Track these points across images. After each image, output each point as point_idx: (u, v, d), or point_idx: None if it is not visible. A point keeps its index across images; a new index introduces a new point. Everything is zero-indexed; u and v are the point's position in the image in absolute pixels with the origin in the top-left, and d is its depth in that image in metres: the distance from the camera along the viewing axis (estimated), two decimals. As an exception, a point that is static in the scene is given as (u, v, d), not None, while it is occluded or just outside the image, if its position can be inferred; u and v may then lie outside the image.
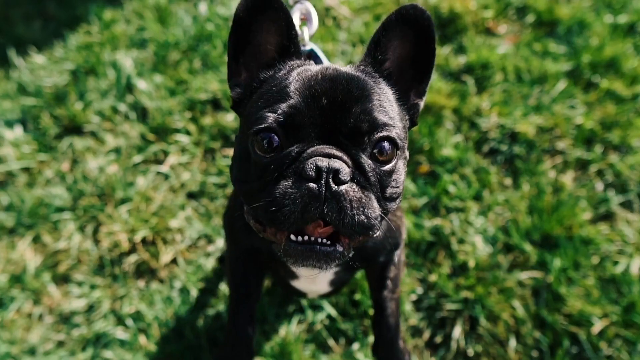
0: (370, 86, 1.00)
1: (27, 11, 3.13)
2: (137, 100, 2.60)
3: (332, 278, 1.36)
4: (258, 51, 1.09)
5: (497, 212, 2.26)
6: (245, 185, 1.01)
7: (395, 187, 1.00)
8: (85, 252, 2.20)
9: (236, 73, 1.12)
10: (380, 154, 0.95)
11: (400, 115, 1.06)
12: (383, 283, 1.35)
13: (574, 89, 2.63)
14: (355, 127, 0.93)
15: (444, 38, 2.87)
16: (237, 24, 1.06)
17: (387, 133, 0.95)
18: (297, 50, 1.09)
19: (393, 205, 1.01)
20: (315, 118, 0.92)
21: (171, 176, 2.38)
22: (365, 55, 1.09)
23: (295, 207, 0.87)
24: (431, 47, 1.08)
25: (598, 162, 2.39)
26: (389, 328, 1.35)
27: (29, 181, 2.41)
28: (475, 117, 2.53)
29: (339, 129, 0.93)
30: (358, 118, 0.93)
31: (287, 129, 0.93)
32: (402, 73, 1.10)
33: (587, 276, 2.07)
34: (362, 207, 0.90)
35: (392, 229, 1.26)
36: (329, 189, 0.87)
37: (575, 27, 2.87)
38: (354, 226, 0.90)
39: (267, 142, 0.93)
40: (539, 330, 1.98)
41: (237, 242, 1.36)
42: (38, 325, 2.04)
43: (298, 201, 0.87)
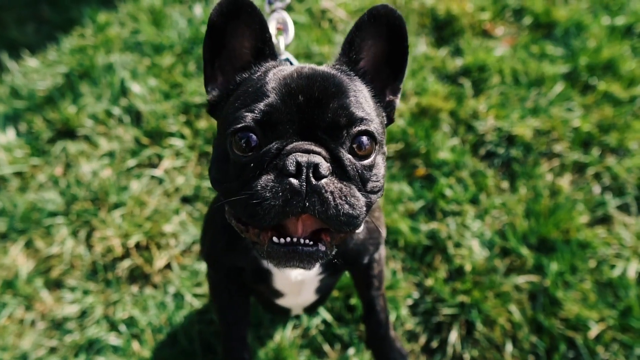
0: (347, 83, 1.01)
1: (21, 14, 3.11)
2: (131, 104, 2.58)
3: (317, 285, 1.35)
4: (233, 55, 1.11)
5: (493, 216, 2.25)
6: (225, 186, 1.00)
7: (376, 182, 1.01)
8: (78, 257, 2.18)
9: (212, 77, 1.13)
10: (359, 149, 0.96)
11: (377, 112, 1.07)
12: (369, 282, 1.38)
13: (571, 92, 2.61)
14: (333, 122, 0.94)
15: (440, 40, 2.86)
16: (211, 28, 1.06)
17: (365, 127, 0.96)
18: (272, 52, 1.10)
19: (375, 197, 1.02)
20: (293, 115, 0.93)
21: (165, 180, 2.36)
22: (340, 55, 1.10)
23: (277, 202, 0.88)
24: (404, 46, 1.09)
25: (595, 165, 2.38)
26: (380, 323, 1.42)
27: (21, 186, 2.39)
28: (472, 120, 2.52)
29: (316, 125, 0.93)
30: (336, 113, 0.94)
31: (264, 127, 0.93)
32: (377, 71, 1.12)
33: (584, 280, 2.06)
34: (345, 197, 0.91)
35: (373, 230, 1.28)
36: (310, 183, 0.88)
37: (573, 29, 2.86)
38: (339, 216, 0.90)
39: (245, 142, 0.93)
40: (536, 335, 1.96)
41: (219, 266, 1.36)
42: (30, 332, 2.02)
43: (279, 195, 0.88)
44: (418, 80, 2.66)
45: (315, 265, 0.95)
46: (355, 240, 1.24)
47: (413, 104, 2.58)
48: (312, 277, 1.28)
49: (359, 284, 1.45)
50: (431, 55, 2.79)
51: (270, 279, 1.27)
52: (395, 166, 2.41)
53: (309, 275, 1.26)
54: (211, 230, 1.36)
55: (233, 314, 1.42)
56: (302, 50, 2.77)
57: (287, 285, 1.29)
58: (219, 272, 1.39)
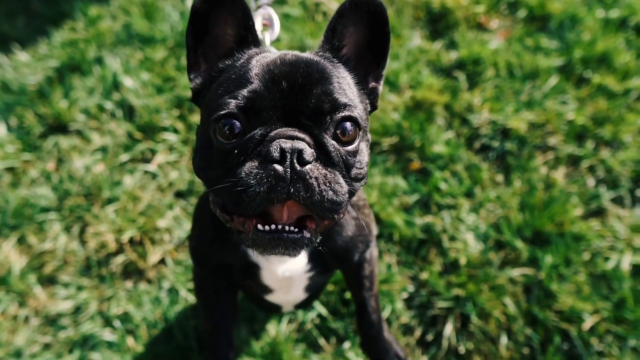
0: (330, 69, 1.01)
1: (11, 8, 3.07)
2: (124, 98, 2.55)
3: (307, 284, 1.34)
4: (216, 42, 1.10)
5: (488, 209, 2.25)
6: (209, 174, 1.00)
7: (360, 169, 1.01)
8: (71, 253, 2.16)
9: (195, 65, 1.13)
10: (343, 135, 0.96)
11: (360, 98, 1.07)
12: (361, 282, 1.38)
13: (565, 85, 2.61)
14: (317, 108, 0.94)
15: (434, 33, 2.85)
16: (194, 15, 1.06)
17: (348, 113, 0.96)
18: (255, 39, 1.10)
19: (358, 185, 1.02)
20: (276, 101, 0.93)
21: (159, 175, 2.35)
22: (323, 42, 1.11)
23: (261, 188, 0.87)
24: (385, 32, 1.10)
25: (589, 158, 2.38)
26: (372, 324, 1.40)
27: (13, 181, 2.37)
28: (466, 113, 2.51)
29: (300, 111, 0.93)
30: (319, 99, 0.94)
31: (248, 114, 0.93)
32: (360, 58, 1.12)
33: (578, 272, 2.06)
34: (329, 183, 0.91)
35: (362, 227, 1.27)
36: (294, 169, 0.88)
37: (567, 22, 2.86)
38: (323, 202, 0.90)
39: (228, 129, 0.93)
40: (530, 327, 1.97)
41: (206, 262, 1.34)
42: (24, 328, 2.01)
43: (264, 181, 0.88)
44: (412, 74, 2.65)
45: (300, 252, 0.94)
46: (344, 237, 1.24)
47: (407, 97, 2.57)
48: (301, 275, 1.27)
49: (351, 284, 1.45)
50: (426, 48, 2.78)
51: (258, 274, 1.26)
52: (390, 160, 2.40)
53: (298, 272, 1.25)
54: (199, 225, 1.35)
55: (219, 312, 1.41)
56: (296, 44, 2.75)
57: (275, 281, 1.28)
58: (206, 269, 1.37)
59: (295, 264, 1.22)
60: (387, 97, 2.58)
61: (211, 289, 1.41)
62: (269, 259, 1.20)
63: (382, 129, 2.44)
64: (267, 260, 1.20)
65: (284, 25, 2.83)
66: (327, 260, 1.25)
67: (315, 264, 1.25)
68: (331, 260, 1.26)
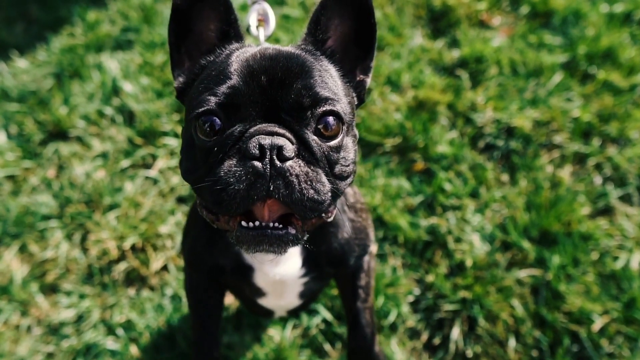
0: (311, 62, 0.98)
1: (9, 14, 3.05)
2: (124, 103, 2.53)
3: (301, 290, 1.32)
4: (199, 39, 1.09)
5: (494, 209, 2.22)
6: (194, 175, 0.98)
7: (345, 166, 0.98)
8: (73, 261, 2.14)
9: (179, 62, 1.11)
10: (325, 129, 0.94)
11: (345, 91, 1.04)
12: (355, 293, 1.33)
13: (570, 81, 2.58)
14: (297, 103, 0.91)
15: (436, 32, 2.82)
16: (176, 12, 1.05)
17: (330, 107, 0.94)
18: (237, 34, 1.09)
19: (344, 184, 0.99)
20: (256, 97, 0.91)
21: (160, 180, 2.33)
22: (306, 35, 1.08)
23: (240, 186, 0.86)
24: (371, 22, 1.07)
25: (596, 156, 2.35)
26: (365, 337, 1.34)
27: (14, 189, 2.35)
28: (470, 112, 2.48)
29: (280, 106, 0.91)
30: (299, 93, 0.91)
31: (227, 110, 0.92)
32: (346, 51, 1.09)
33: (587, 272, 2.03)
34: (310, 181, 0.88)
35: (358, 230, 1.25)
36: (274, 166, 0.86)
37: (571, 17, 2.82)
38: (304, 201, 0.88)
39: (208, 126, 0.92)
40: (539, 329, 1.94)
41: (200, 264, 1.32)
42: (26, 337, 1.99)
43: (243, 179, 0.86)
44: (415, 73, 2.62)
45: (286, 248, 0.92)
46: (340, 239, 1.21)
47: (410, 97, 2.55)
48: (294, 280, 1.24)
49: (345, 294, 1.39)
50: (427, 47, 2.75)
51: (251, 277, 1.23)
52: (393, 161, 2.37)
53: (291, 276, 1.22)
54: (193, 227, 1.33)
55: (207, 311, 1.39)
56: (296, 45, 2.73)
57: (268, 284, 1.26)
58: (199, 270, 1.35)
59: (289, 268, 1.19)
60: (389, 97, 2.55)
61: (202, 289, 1.38)
62: (262, 261, 1.17)
63: (384, 130, 2.41)
64: (260, 262, 1.17)
65: (284, 26, 2.81)
66: (322, 264, 1.22)
67: (310, 269, 1.22)
68: (326, 264, 1.23)
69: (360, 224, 1.27)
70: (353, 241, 1.24)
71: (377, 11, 2.88)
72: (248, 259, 1.20)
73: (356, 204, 1.28)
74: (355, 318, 1.34)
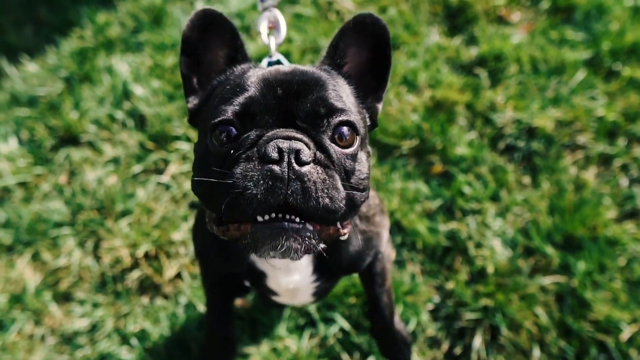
0: (326, 77, 1.01)
1: (18, 17, 3.03)
2: (135, 107, 2.50)
3: (313, 291, 1.34)
4: (209, 66, 1.13)
5: (515, 213, 2.15)
6: (206, 184, 0.95)
7: (361, 179, 0.98)
8: (86, 269, 2.12)
9: (192, 90, 1.15)
10: (340, 139, 0.95)
11: (358, 109, 1.07)
12: (373, 279, 1.39)
13: (594, 79, 2.49)
14: (313, 112, 0.93)
15: (453, 29, 2.74)
16: (186, 43, 1.09)
17: (345, 117, 0.95)
18: (244, 57, 1.14)
19: (359, 196, 0.97)
20: (272, 106, 0.93)
21: (172, 186, 2.29)
22: (324, 57, 1.12)
23: (258, 190, 0.84)
24: (387, 55, 1.11)
25: (622, 156, 2.26)
26: (385, 318, 1.44)
27: (25, 196, 2.33)
28: (489, 112, 2.41)
29: (296, 115, 0.93)
30: (315, 103, 0.93)
31: (243, 119, 0.93)
32: (361, 78, 1.14)
33: (614, 279, 1.97)
34: (327, 189, 0.87)
35: (370, 239, 1.28)
36: (292, 169, 0.85)
37: (594, 12, 2.73)
38: (318, 209, 0.87)
39: (225, 136, 0.92)
40: (564, 339, 1.88)
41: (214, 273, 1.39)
42: (40, 347, 1.97)
43: (260, 182, 0.84)
44: (432, 72, 2.55)
45: (303, 248, 0.87)
46: (351, 252, 1.23)
47: (427, 97, 2.48)
48: (307, 284, 1.26)
49: (363, 280, 1.46)
50: (444, 45, 2.67)
51: (264, 281, 1.26)
52: (411, 164, 2.31)
53: (304, 283, 1.24)
54: (201, 240, 1.35)
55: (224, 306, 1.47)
56: (309, 45, 2.66)
57: (281, 288, 1.28)
58: (214, 277, 1.42)
59: (301, 276, 1.21)
60: (406, 97, 2.49)
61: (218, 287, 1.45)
62: (275, 268, 1.18)
63: (401, 132, 2.35)
64: (273, 269, 1.19)
65: (296, 26, 2.75)
66: (334, 271, 1.26)
67: (321, 275, 1.25)
68: (337, 271, 1.27)
69: (372, 232, 1.28)
70: (364, 252, 1.27)
71: (392, 8, 2.82)
72: (260, 266, 1.21)
73: (369, 211, 1.28)
74: (374, 301, 1.43)
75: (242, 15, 2.85)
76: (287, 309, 1.98)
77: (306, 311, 1.96)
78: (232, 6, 2.88)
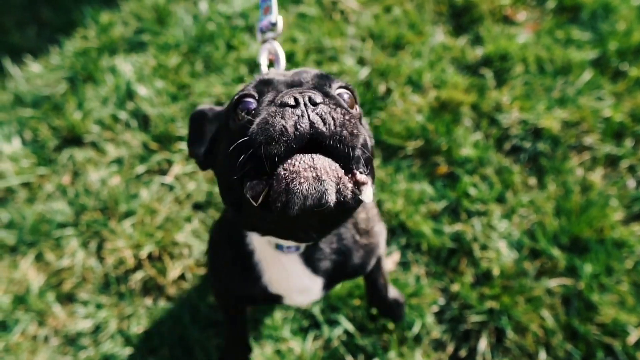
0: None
1: (21, 18, 3.02)
2: (138, 107, 2.49)
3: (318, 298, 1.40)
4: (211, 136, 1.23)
5: (521, 215, 2.13)
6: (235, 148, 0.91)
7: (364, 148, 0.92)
8: (89, 270, 2.11)
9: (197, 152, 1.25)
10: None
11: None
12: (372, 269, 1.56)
13: (600, 79, 2.47)
14: (317, 79, 1.05)
15: (458, 29, 2.72)
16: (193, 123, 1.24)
17: (344, 84, 1.05)
18: None
19: (370, 150, 0.96)
20: (283, 80, 1.04)
21: (176, 187, 2.28)
22: None
23: (286, 122, 0.85)
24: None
25: (629, 158, 2.24)
26: (381, 294, 1.74)
27: (29, 196, 2.33)
28: (495, 112, 2.39)
29: (304, 83, 1.04)
30: (318, 75, 1.06)
31: (261, 89, 1.01)
32: None
33: (621, 282, 1.94)
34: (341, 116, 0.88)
35: (371, 251, 1.38)
36: (309, 107, 0.88)
37: (600, 11, 2.70)
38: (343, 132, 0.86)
39: (246, 112, 0.97)
40: (571, 342, 1.86)
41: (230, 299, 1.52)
42: (44, 348, 1.97)
43: (287, 116, 0.86)
44: (436, 73, 2.53)
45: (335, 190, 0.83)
46: (354, 264, 1.34)
47: (432, 97, 2.46)
48: (317, 295, 1.34)
49: None
50: (449, 45, 2.65)
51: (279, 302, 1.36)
52: (415, 165, 2.29)
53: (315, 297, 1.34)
54: (219, 267, 1.41)
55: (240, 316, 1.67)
56: (313, 45, 2.65)
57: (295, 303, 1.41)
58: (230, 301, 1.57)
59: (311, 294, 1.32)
60: (410, 98, 2.47)
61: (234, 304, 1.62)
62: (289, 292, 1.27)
63: (406, 132, 2.33)
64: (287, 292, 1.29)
65: (300, 26, 2.73)
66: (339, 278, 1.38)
67: (329, 286, 1.35)
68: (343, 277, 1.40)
69: (373, 244, 1.38)
70: (367, 261, 1.39)
71: (396, 7, 2.80)
72: (275, 289, 1.29)
73: (368, 225, 1.36)
74: (372, 282, 1.69)
75: (246, 15, 2.84)
76: (291, 310, 1.97)
77: (310, 313, 1.95)
78: (236, 6, 2.86)
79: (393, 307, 1.83)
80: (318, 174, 0.81)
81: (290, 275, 1.21)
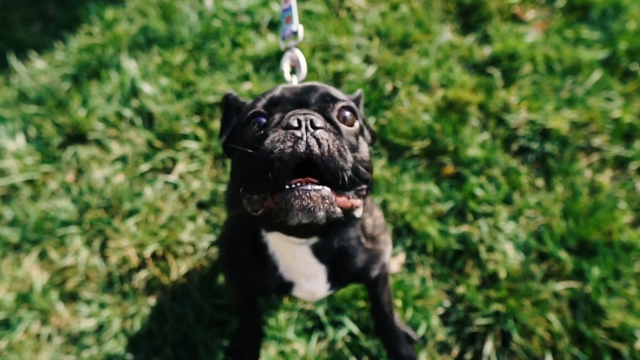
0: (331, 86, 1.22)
1: (26, 13, 3.01)
2: (143, 105, 2.47)
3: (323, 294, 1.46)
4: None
5: (528, 217, 2.11)
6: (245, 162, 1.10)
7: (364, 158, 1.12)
8: (93, 269, 2.10)
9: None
10: (344, 120, 1.15)
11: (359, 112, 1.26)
12: (376, 282, 1.58)
13: (610, 79, 2.44)
14: (321, 99, 1.16)
15: (466, 27, 2.69)
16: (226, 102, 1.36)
17: (346, 104, 1.16)
18: None
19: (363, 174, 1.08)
20: (290, 99, 1.16)
21: (180, 185, 2.27)
22: None
23: (285, 146, 1.00)
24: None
25: (638, 159, 2.22)
26: (385, 315, 1.64)
27: (33, 194, 2.32)
28: (502, 113, 2.36)
29: (309, 102, 1.15)
30: (323, 94, 1.17)
31: (270, 109, 1.15)
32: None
33: (629, 285, 1.92)
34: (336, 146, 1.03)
35: (376, 256, 1.43)
36: (309, 131, 1.02)
37: (610, 10, 2.67)
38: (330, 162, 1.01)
39: (258, 125, 1.12)
40: (577, 346, 1.84)
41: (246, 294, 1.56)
42: (47, 347, 1.96)
43: (286, 140, 1.01)
44: (444, 72, 2.50)
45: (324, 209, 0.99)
46: (358, 266, 1.40)
47: (439, 97, 2.43)
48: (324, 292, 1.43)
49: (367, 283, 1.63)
50: (457, 43, 2.62)
51: (291, 291, 1.42)
52: (422, 165, 2.27)
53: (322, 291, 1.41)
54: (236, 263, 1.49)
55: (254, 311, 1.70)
56: (319, 43, 2.62)
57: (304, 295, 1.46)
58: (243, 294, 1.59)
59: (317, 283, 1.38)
60: (417, 97, 2.44)
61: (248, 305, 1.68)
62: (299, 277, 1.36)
63: (412, 132, 2.31)
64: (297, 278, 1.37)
65: (307, 23, 2.71)
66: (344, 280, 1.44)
67: (334, 284, 1.41)
68: (347, 280, 1.45)
69: (377, 250, 1.44)
70: (370, 266, 1.43)
71: (403, 5, 2.77)
72: (288, 277, 1.38)
73: (375, 232, 1.44)
74: (375, 300, 1.64)
75: (251, 12, 2.82)
76: (295, 311, 1.95)
77: (314, 314, 1.94)
78: (241, 3, 2.84)
79: (400, 339, 1.68)
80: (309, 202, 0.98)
81: (300, 262, 1.32)
